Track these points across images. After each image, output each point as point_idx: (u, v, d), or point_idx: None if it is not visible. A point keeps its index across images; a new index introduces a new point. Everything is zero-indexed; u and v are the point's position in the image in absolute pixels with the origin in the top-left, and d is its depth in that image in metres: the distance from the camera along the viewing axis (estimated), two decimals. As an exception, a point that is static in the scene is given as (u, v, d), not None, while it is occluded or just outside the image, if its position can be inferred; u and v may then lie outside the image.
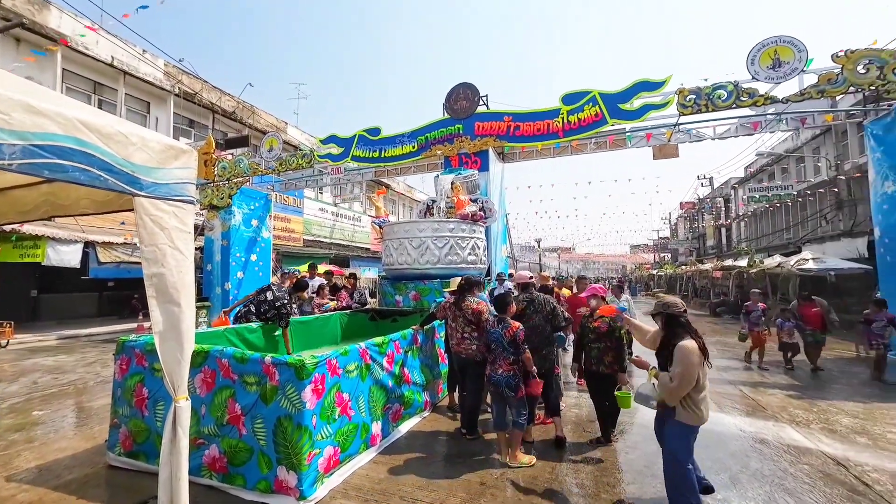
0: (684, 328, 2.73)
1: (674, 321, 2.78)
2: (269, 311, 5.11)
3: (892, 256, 7.55)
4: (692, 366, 2.56)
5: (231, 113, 16.33)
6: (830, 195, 16.75)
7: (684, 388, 2.58)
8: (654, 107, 8.51)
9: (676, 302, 2.84)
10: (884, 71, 6.78)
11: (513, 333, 3.61)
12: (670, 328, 2.80)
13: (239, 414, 3.18)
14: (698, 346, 2.62)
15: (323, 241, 19.41)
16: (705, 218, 33.42)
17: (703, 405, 2.64)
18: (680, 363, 2.59)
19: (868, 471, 3.39)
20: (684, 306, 2.84)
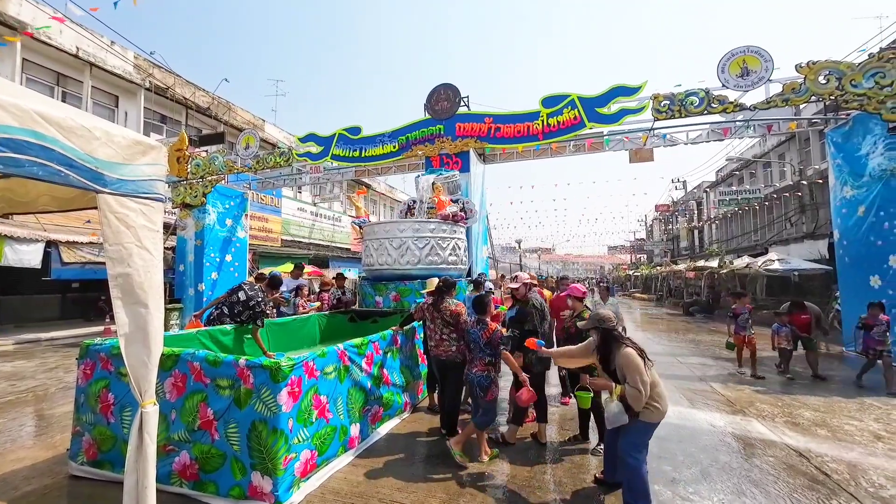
0: (617, 340, 2.86)
1: (608, 335, 2.90)
2: (242, 312, 4.95)
3: (850, 257, 8.00)
4: (640, 368, 2.67)
5: (206, 109, 15.85)
6: (794, 199, 17.57)
7: (647, 391, 2.65)
8: (630, 111, 8.75)
9: (610, 316, 2.97)
10: (842, 82, 7.16)
11: (489, 335, 3.63)
12: (605, 342, 2.92)
13: (211, 419, 3.08)
14: (635, 350, 2.76)
15: (302, 242, 19.06)
16: (679, 220, 34.52)
17: (661, 400, 2.74)
18: (632, 369, 2.68)
19: (827, 461, 3.57)
20: (616, 320, 3.01)
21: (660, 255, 38.79)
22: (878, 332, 5.82)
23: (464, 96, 10.27)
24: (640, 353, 2.77)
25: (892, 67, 6.89)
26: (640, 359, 2.72)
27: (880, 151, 7.26)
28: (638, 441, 2.77)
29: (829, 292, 10.44)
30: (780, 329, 6.64)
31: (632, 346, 2.80)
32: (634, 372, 2.67)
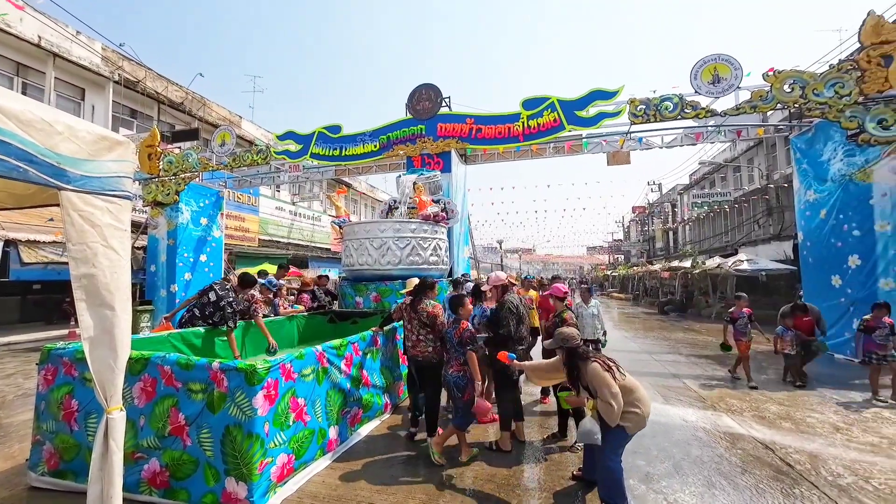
0: (582, 357, 2.89)
1: (573, 353, 2.95)
2: (214, 314, 4.81)
3: (814, 258, 8.40)
4: (608, 382, 2.68)
5: (179, 104, 15.34)
6: (762, 202, 18.33)
7: (619, 402, 2.65)
8: (607, 115, 8.95)
9: (573, 335, 3.02)
10: (805, 91, 7.52)
11: (460, 334, 3.64)
12: (570, 359, 2.96)
13: (183, 424, 2.98)
14: (601, 365, 2.77)
15: (280, 242, 18.69)
16: (654, 222, 35.51)
17: (642, 405, 2.74)
18: (601, 383, 2.70)
19: (791, 452, 3.74)
20: (580, 337, 3.06)
21: (636, 256, 39.80)
22: (880, 335, 5.33)
23: (445, 97, 10.29)
24: (608, 367, 2.76)
25: (850, 78, 7.28)
26: (607, 372, 2.71)
27: (840, 157, 7.66)
28: (616, 446, 2.79)
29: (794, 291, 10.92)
30: (784, 333, 6.10)
31: (598, 361, 2.80)
32: (602, 386, 2.68)
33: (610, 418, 2.67)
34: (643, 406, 2.75)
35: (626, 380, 2.80)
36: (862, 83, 7.22)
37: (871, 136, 7.16)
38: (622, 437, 2.77)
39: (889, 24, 7.25)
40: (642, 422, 2.75)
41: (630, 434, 2.75)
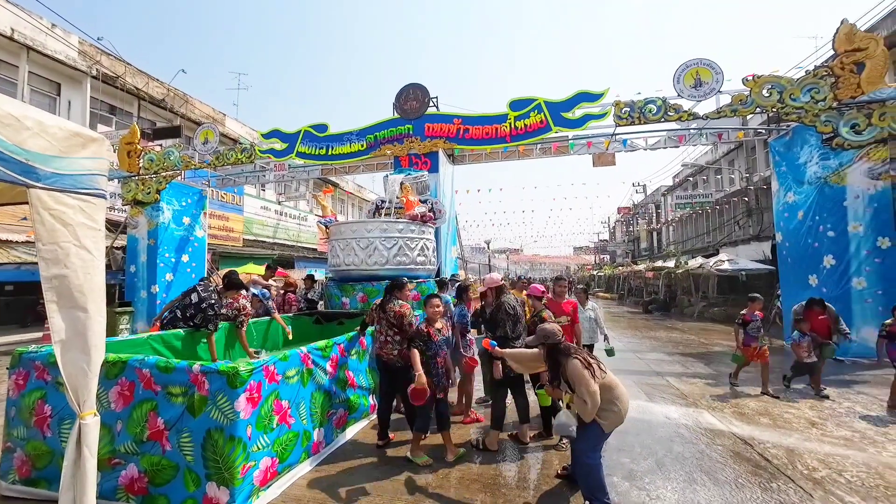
0: (562, 352, 2.91)
1: (554, 349, 2.96)
2: (195, 315, 4.70)
3: (792, 258, 8.64)
4: (585, 378, 2.69)
5: (160, 101, 14.98)
6: (742, 203, 18.79)
7: (595, 400, 2.67)
8: (593, 117, 9.06)
9: (555, 331, 3.03)
10: (783, 95, 7.74)
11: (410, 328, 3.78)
12: (551, 356, 2.97)
13: (162, 428, 2.91)
14: (579, 362, 2.78)
15: (265, 241, 18.41)
16: (639, 222, 36.10)
17: (620, 403, 2.76)
18: (579, 381, 2.72)
19: (769, 447, 3.83)
20: (561, 334, 3.05)
21: (622, 256, 40.41)
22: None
23: (433, 97, 10.28)
24: (587, 364, 2.77)
25: (825, 84, 7.52)
26: (586, 370, 2.73)
27: (816, 161, 7.90)
28: (594, 443, 2.80)
29: (773, 290, 11.24)
30: (801, 339, 5.48)
31: (578, 357, 2.81)
32: (580, 383, 2.71)
33: (584, 414, 2.71)
34: (621, 404, 2.77)
35: (606, 378, 2.81)
36: (836, 89, 7.46)
37: (845, 141, 7.41)
38: (599, 435, 2.78)
39: (861, 33, 7.51)
40: (619, 419, 2.77)
41: (607, 432, 2.77)
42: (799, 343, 5.51)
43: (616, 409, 2.75)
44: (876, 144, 7.30)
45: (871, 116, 7.28)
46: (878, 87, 7.25)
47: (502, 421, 3.95)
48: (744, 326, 5.75)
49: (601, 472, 2.80)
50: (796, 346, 5.54)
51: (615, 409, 2.75)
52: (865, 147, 7.33)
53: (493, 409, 4.01)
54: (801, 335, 5.55)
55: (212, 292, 4.81)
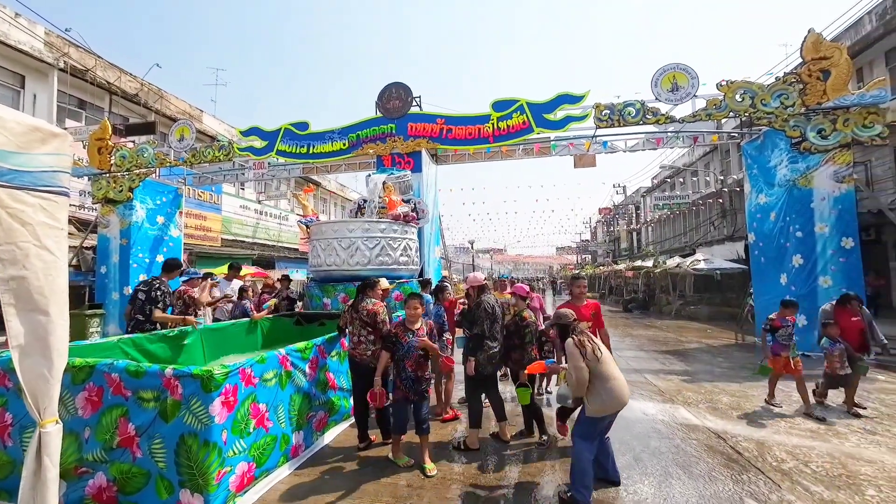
0: (568, 332, 3.11)
1: (565, 330, 3.16)
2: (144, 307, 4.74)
3: (765, 258, 8.94)
4: (574, 356, 2.92)
5: (133, 95, 14.46)
6: (717, 205, 19.39)
7: (581, 377, 2.87)
8: (574, 118, 9.18)
9: (567, 314, 3.25)
10: (755, 101, 8.01)
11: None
12: (563, 336, 3.17)
13: (133, 435, 2.81)
14: (574, 341, 2.98)
15: (245, 241, 18.01)
16: (619, 223, 36.82)
17: (606, 395, 2.87)
18: (569, 356, 2.98)
19: (740, 441, 3.96)
20: (573, 317, 3.25)
21: (603, 256, 41.15)
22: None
23: (416, 96, 10.24)
24: (582, 345, 2.95)
25: (794, 90, 7.82)
26: (578, 349, 2.93)
27: (785, 164, 8.20)
28: (584, 430, 2.97)
29: (746, 289, 11.64)
30: (832, 347, 4.72)
31: (576, 337, 3.01)
32: (570, 360, 2.95)
33: (572, 387, 2.96)
34: (608, 395, 2.87)
35: (601, 366, 2.92)
36: (804, 95, 7.77)
37: (812, 145, 7.72)
38: (590, 422, 2.94)
39: (827, 42, 7.84)
40: (605, 409, 2.89)
41: (590, 415, 2.92)
42: (831, 352, 4.67)
43: (602, 398, 2.87)
44: (840, 149, 7.63)
45: (835, 122, 7.61)
46: (843, 94, 7.58)
47: (480, 419, 3.97)
48: (772, 333, 4.93)
49: (588, 462, 2.89)
50: (829, 356, 4.71)
51: (602, 398, 2.87)
52: (831, 151, 7.65)
53: (470, 408, 4.02)
54: (831, 342, 4.72)
55: (154, 285, 4.85)
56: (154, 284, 4.84)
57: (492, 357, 3.96)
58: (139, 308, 4.77)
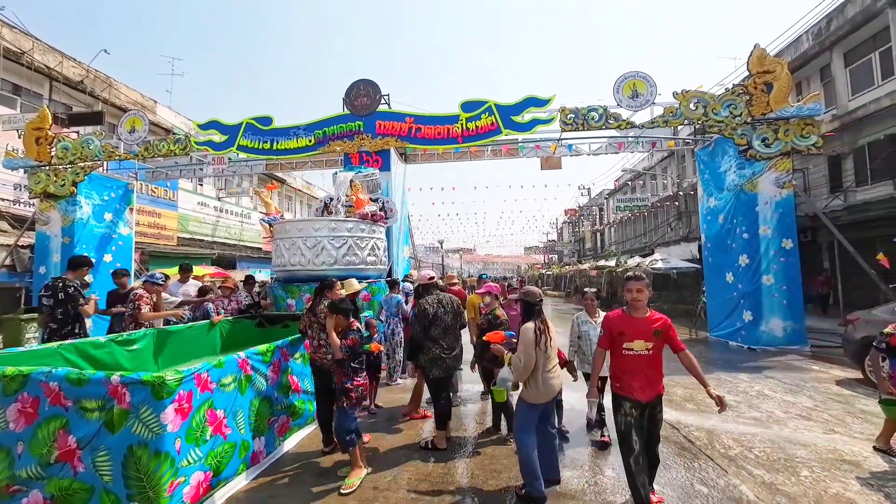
0: (533, 314, 3.05)
1: (528, 307, 3.09)
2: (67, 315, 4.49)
3: (714, 258, 9.51)
4: (528, 342, 2.90)
5: (77, 83, 13.43)
6: (673, 207, 20.44)
7: (528, 364, 2.87)
8: (541, 121, 9.40)
9: (536, 292, 3.16)
10: (707, 110, 8.50)
11: None
12: (525, 314, 3.10)
13: (74, 447, 2.62)
14: (535, 327, 2.95)
15: (203, 240, 17.18)
16: (584, 224, 38.05)
17: (544, 383, 2.93)
18: (521, 340, 2.95)
19: (692, 430, 4.19)
20: (541, 297, 3.19)
21: (569, 256, 42.37)
22: None
23: (384, 94, 10.15)
24: (539, 332, 2.92)
25: (741, 101, 8.36)
26: (532, 335, 2.90)
27: (734, 170, 8.76)
28: (522, 420, 3.00)
29: (699, 287, 12.35)
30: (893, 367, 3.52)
31: (536, 323, 2.96)
32: (520, 344, 2.93)
33: (516, 371, 2.93)
34: (545, 387, 2.93)
35: (548, 359, 2.95)
36: (750, 106, 8.33)
37: (757, 153, 8.29)
38: (526, 409, 2.99)
39: (770, 57, 8.44)
40: (539, 397, 2.94)
41: (529, 403, 2.96)
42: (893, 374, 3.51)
43: (539, 387, 2.92)
44: (781, 157, 8.24)
45: (777, 132, 8.20)
46: (784, 106, 8.19)
47: (447, 419, 3.95)
48: (888, 353, 3.56)
49: (532, 453, 2.89)
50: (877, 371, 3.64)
51: (539, 386, 2.92)
52: (773, 159, 8.25)
53: (435, 409, 4.02)
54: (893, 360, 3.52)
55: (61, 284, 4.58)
56: (58, 286, 4.51)
57: (435, 360, 3.87)
58: (49, 314, 4.47)
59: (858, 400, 5.04)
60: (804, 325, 8.17)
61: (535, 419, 3.00)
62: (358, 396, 3.35)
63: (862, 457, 3.54)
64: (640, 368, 2.66)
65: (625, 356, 2.71)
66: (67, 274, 4.75)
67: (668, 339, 2.73)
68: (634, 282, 2.76)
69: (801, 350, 7.75)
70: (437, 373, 3.89)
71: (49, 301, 4.47)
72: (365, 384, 3.46)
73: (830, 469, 3.34)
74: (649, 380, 2.69)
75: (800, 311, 8.13)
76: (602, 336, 2.84)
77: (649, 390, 2.68)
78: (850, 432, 4.06)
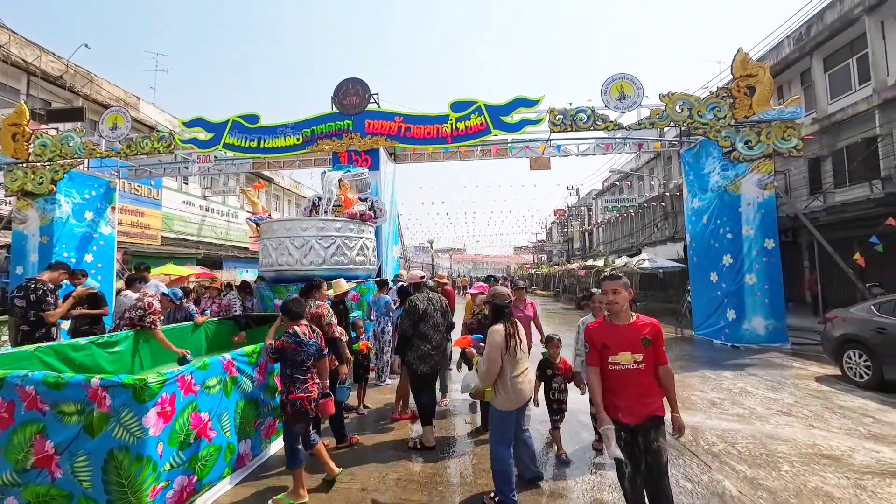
0: (500, 315, 2.96)
1: (497, 310, 2.99)
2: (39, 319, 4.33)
3: (698, 257, 9.68)
4: (495, 346, 2.78)
5: (57, 77, 13.08)
6: (660, 208, 20.75)
7: (492, 369, 2.76)
8: (530, 122, 9.45)
9: (506, 295, 3.04)
10: (692, 112, 8.65)
11: None
12: (494, 316, 3.02)
13: (51, 453, 2.55)
14: (504, 330, 2.84)
15: (188, 240, 16.88)
16: (573, 224, 38.40)
17: (513, 388, 2.82)
18: (488, 342, 2.82)
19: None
20: (510, 298, 3.08)
21: (558, 255, 42.70)
22: None
23: (374, 93, 10.10)
24: (509, 335, 2.81)
25: (725, 104, 8.53)
26: (500, 338, 2.79)
27: (717, 171, 8.93)
28: (498, 432, 2.88)
29: (684, 286, 12.57)
30: None
31: (507, 326, 2.85)
32: (487, 347, 2.81)
33: (480, 375, 2.83)
34: (514, 393, 2.83)
35: (516, 364, 2.85)
36: (734, 109, 8.50)
37: (741, 155, 8.46)
38: (499, 420, 2.87)
39: (753, 61, 8.62)
40: (509, 403, 2.84)
41: (502, 411, 2.84)
42: None
43: (508, 393, 2.81)
44: (764, 159, 8.43)
45: (760, 134, 8.39)
46: (766, 109, 8.38)
47: (430, 417, 3.94)
48: None
49: (508, 463, 2.83)
50: None
51: (508, 392, 2.81)
52: (756, 161, 8.43)
53: (419, 407, 4.03)
54: None
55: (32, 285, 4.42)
56: (30, 287, 4.39)
57: (424, 356, 3.90)
58: (21, 316, 4.33)
59: (837, 396, 5.18)
60: (785, 323, 8.38)
61: (511, 429, 2.90)
62: (296, 411, 2.97)
63: (840, 451, 3.64)
64: (628, 385, 2.25)
65: (611, 372, 2.28)
66: (43, 275, 4.61)
67: (655, 349, 2.31)
68: (609, 282, 2.39)
69: (782, 348, 7.95)
70: (424, 369, 3.92)
71: (21, 302, 4.34)
72: (304, 397, 2.98)
73: (810, 464, 3.43)
74: (638, 397, 2.24)
75: (781, 309, 8.33)
76: (589, 352, 2.38)
77: (637, 411, 2.23)
78: (829, 427, 4.17)
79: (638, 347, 2.25)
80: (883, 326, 5.29)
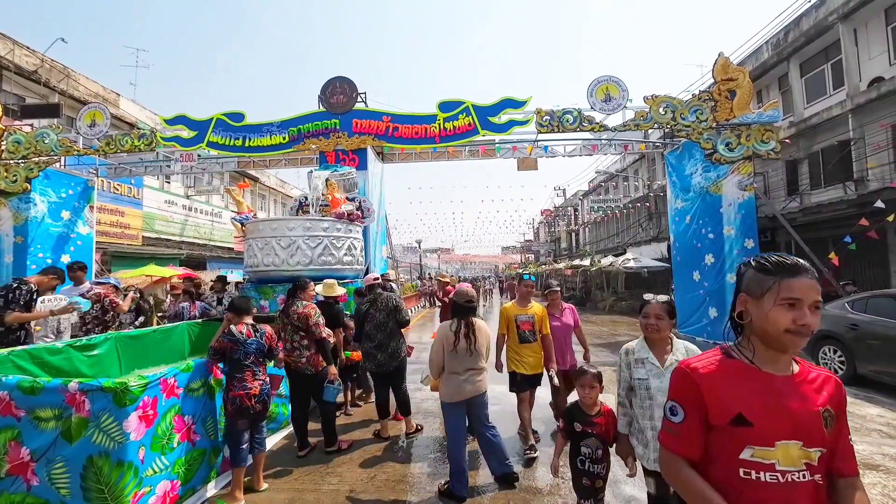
0: (462, 315, 3.08)
1: (457, 308, 3.13)
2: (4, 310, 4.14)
3: (682, 257, 9.87)
4: (437, 341, 3.02)
5: (31, 72, 12.65)
6: (644, 208, 21.12)
7: (435, 361, 3.01)
8: (517, 123, 9.50)
9: (469, 294, 3.18)
10: (675, 114, 8.82)
11: None
12: (453, 313, 3.17)
13: (27, 460, 2.47)
14: (449, 327, 3.03)
15: (171, 240, 16.51)
16: (560, 224, 38.79)
17: (454, 384, 2.98)
18: (437, 339, 3.06)
19: (662, 424, 4.34)
20: (472, 297, 3.19)
21: (545, 255, 43.08)
22: None
23: (361, 92, 10.03)
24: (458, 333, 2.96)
25: (706, 107, 8.72)
26: (442, 333, 3.01)
27: (700, 172, 9.12)
28: (448, 425, 3.09)
29: (668, 286, 12.83)
30: None
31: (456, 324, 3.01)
32: (435, 341, 3.04)
33: (429, 366, 3.09)
34: (453, 387, 2.98)
35: (455, 361, 2.98)
36: (715, 111, 8.69)
37: (722, 156, 8.66)
38: (448, 414, 3.06)
39: (733, 66, 8.83)
40: (451, 397, 3.00)
41: (443, 401, 3.05)
42: None
43: (448, 386, 3.00)
44: (744, 161, 8.64)
45: (740, 137, 8.60)
46: (746, 113, 8.59)
47: (384, 413, 4.18)
48: None
49: (460, 453, 2.96)
50: None
51: (448, 386, 3.00)
52: (736, 163, 8.64)
53: (375, 403, 4.31)
54: None
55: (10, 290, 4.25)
56: (12, 286, 4.26)
57: (367, 354, 4.21)
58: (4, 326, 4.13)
59: (812, 391, 5.34)
60: (764, 320, 8.59)
61: (460, 419, 3.05)
62: (235, 408, 2.94)
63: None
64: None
65: (747, 484, 1.06)
66: (33, 278, 4.46)
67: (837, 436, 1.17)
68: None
69: (761, 344, 8.15)
70: (369, 366, 4.21)
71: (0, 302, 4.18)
72: (243, 394, 2.95)
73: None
74: None
75: (760, 307, 8.54)
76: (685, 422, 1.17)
77: None
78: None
79: (816, 433, 1.10)
80: (856, 323, 5.48)
